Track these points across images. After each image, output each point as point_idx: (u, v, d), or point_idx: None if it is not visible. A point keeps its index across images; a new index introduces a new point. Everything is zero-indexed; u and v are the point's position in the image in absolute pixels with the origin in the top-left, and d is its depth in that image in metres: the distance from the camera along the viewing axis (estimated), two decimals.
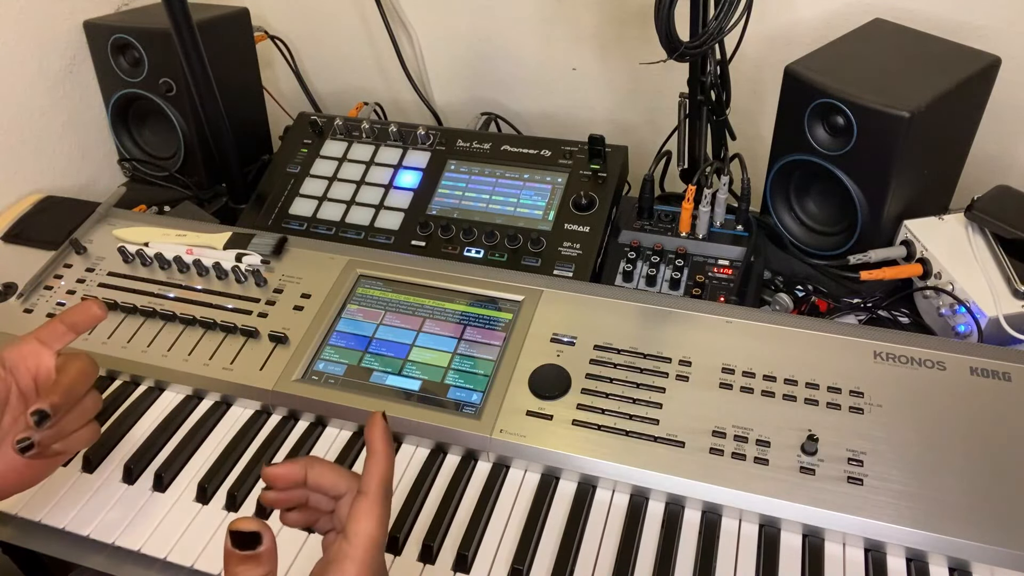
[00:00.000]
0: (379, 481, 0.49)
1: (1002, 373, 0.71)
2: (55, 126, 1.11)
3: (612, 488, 0.70)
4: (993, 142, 1.01)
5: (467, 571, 0.64)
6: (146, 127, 1.18)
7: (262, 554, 0.44)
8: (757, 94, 1.12)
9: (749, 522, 0.67)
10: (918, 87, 0.84)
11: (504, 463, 0.72)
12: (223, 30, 1.11)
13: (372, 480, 0.49)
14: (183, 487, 0.72)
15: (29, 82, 1.06)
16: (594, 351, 0.77)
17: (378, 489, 0.49)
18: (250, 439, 0.76)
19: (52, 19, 1.07)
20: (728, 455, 0.68)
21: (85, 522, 0.69)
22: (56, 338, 0.63)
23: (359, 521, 0.47)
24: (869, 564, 0.63)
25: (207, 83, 0.99)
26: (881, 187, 0.87)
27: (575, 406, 0.73)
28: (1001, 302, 0.80)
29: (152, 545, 0.67)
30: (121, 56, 1.10)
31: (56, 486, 0.71)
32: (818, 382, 0.72)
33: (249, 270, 0.88)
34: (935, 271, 0.86)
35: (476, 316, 0.82)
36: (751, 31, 0.89)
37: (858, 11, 1.02)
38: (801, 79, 0.89)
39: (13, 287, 0.90)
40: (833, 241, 0.95)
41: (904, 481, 0.65)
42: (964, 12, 0.98)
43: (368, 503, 0.48)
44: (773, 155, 0.97)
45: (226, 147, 1.06)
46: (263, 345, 0.81)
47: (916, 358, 0.73)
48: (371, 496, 0.48)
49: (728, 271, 0.91)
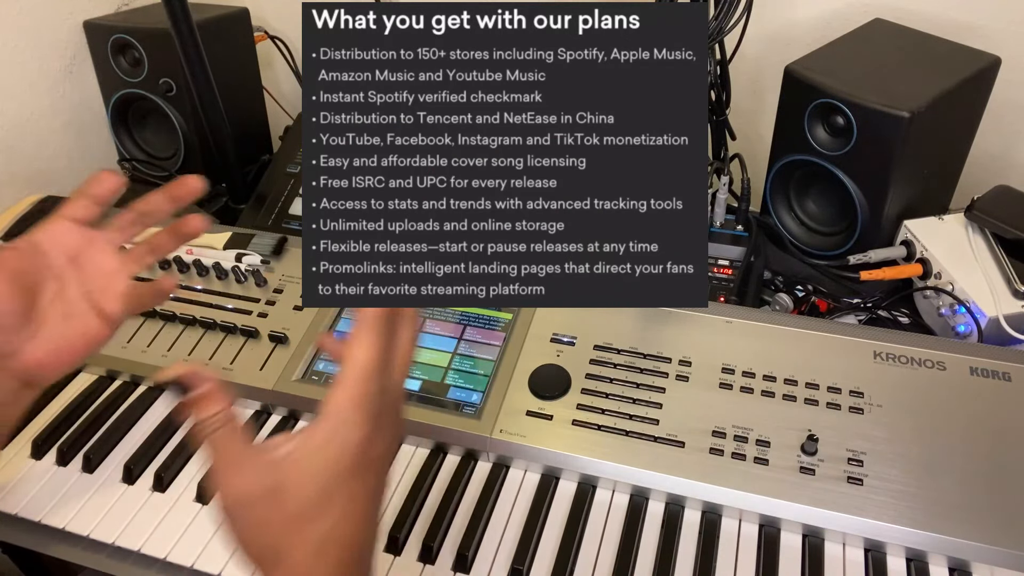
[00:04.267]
0: (374, 313, 0.48)
1: (1002, 373, 0.71)
2: (55, 126, 1.11)
3: (612, 488, 0.70)
4: (993, 142, 1.01)
5: (467, 571, 0.64)
6: (146, 127, 1.18)
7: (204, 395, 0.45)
8: (757, 94, 1.12)
9: (749, 522, 0.67)
10: (918, 87, 0.84)
11: (504, 463, 0.72)
12: (223, 30, 1.11)
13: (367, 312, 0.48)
14: (183, 487, 0.72)
15: (29, 82, 1.06)
16: (594, 351, 0.77)
17: (373, 320, 0.47)
18: (250, 439, 0.76)
19: (52, 19, 1.08)
20: (728, 455, 0.68)
21: (85, 522, 0.69)
22: (85, 211, 0.61)
23: (351, 348, 0.46)
24: (869, 564, 0.63)
25: (207, 83, 0.99)
26: (881, 187, 0.87)
27: (575, 406, 0.73)
28: (1001, 302, 0.80)
29: (152, 545, 0.67)
30: (121, 56, 1.10)
31: (56, 486, 0.71)
32: (818, 382, 0.72)
33: (249, 270, 0.88)
34: (935, 271, 0.86)
35: (476, 316, 0.82)
36: (751, 31, 0.89)
37: (858, 11, 1.02)
38: (801, 79, 0.89)
39: None
40: (833, 241, 0.95)
41: (904, 481, 0.65)
42: (964, 12, 0.98)
43: (362, 331, 0.46)
44: (773, 155, 0.97)
45: (226, 147, 1.06)
46: (263, 345, 0.81)
47: (916, 358, 0.73)
48: (365, 323, 0.47)
49: (728, 271, 0.91)
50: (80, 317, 0.59)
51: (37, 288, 0.58)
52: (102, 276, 0.60)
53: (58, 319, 0.58)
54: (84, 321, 0.59)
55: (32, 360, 0.57)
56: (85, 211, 0.61)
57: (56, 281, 0.59)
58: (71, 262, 0.59)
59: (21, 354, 0.57)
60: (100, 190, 0.62)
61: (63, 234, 0.60)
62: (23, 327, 0.57)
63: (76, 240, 0.60)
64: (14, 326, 0.57)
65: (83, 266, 0.59)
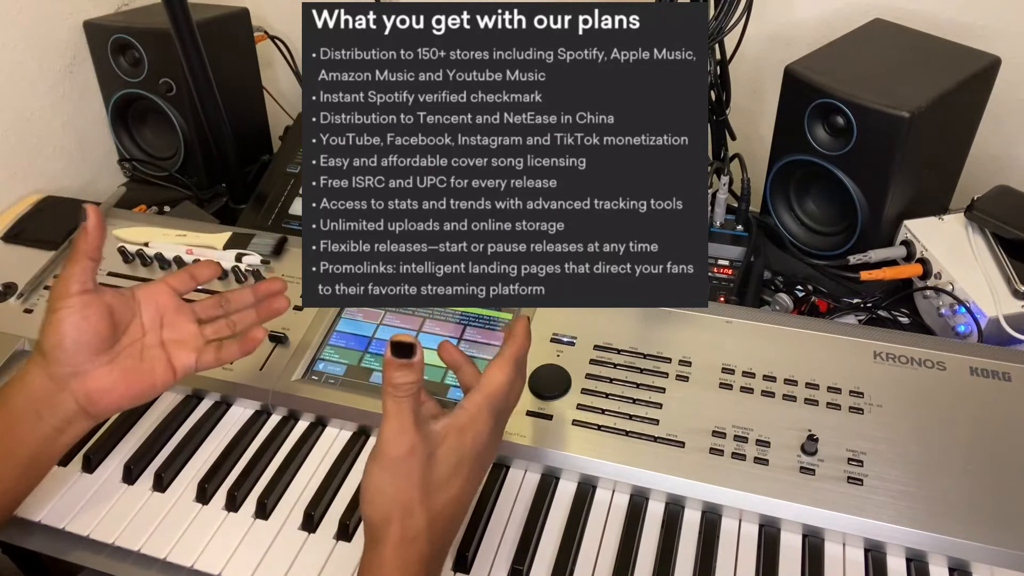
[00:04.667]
0: (515, 350, 0.59)
1: (1002, 373, 0.71)
2: (55, 126, 1.11)
3: (612, 488, 0.70)
4: (993, 142, 1.01)
5: (467, 571, 0.64)
6: (146, 127, 1.18)
7: (414, 363, 0.53)
8: (757, 94, 1.12)
9: (749, 522, 0.67)
10: (918, 87, 0.84)
11: (504, 463, 0.72)
12: (223, 30, 1.11)
13: (509, 349, 0.59)
14: (183, 487, 0.72)
15: (29, 82, 1.06)
16: (594, 351, 0.77)
17: (512, 355, 0.59)
18: (250, 439, 0.76)
19: (52, 19, 1.07)
20: (728, 455, 0.68)
21: (85, 522, 0.69)
22: (182, 284, 0.71)
23: (492, 369, 0.58)
24: (869, 564, 0.63)
25: (207, 83, 0.99)
26: (881, 187, 0.87)
27: (575, 406, 0.73)
28: (1001, 302, 0.80)
29: (152, 545, 0.67)
30: (121, 56, 1.10)
31: (56, 486, 0.71)
32: (818, 382, 0.72)
33: (249, 270, 0.88)
34: (935, 271, 0.86)
35: (476, 316, 0.82)
36: (751, 31, 0.89)
37: (858, 11, 1.02)
38: (801, 79, 0.89)
39: (13, 287, 0.90)
40: (833, 241, 0.95)
41: (904, 481, 0.65)
42: (964, 12, 0.99)
43: (503, 361, 0.58)
44: (773, 155, 0.97)
45: (226, 147, 1.06)
46: (263, 345, 0.81)
47: (916, 358, 0.73)
48: (505, 356, 0.59)
49: (728, 271, 0.91)
50: (152, 361, 0.66)
51: (124, 326, 0.66)
52: (180, 335, 0.68)
53: (133, 356, 0.66)
54: (154, 364, 0.66)
55: (98, 386, 0.63)
56: (182, 284, 0.71)
57: (140, 329, 0.67)
58: (158, 318, 0.68)
59: (91, 378, 0.63)
60: (200, 274, 0.73)
61: (159, 295, 0.69)
62: (102, 353, 0.64)
63: (168, 302, 0.69)
64: (95, 349, 0.63)
65: (167, 324, 0.68)
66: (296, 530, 0.68)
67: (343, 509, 0.68)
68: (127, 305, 0.66)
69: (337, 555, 0.65)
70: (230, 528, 0.68)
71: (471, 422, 0.56)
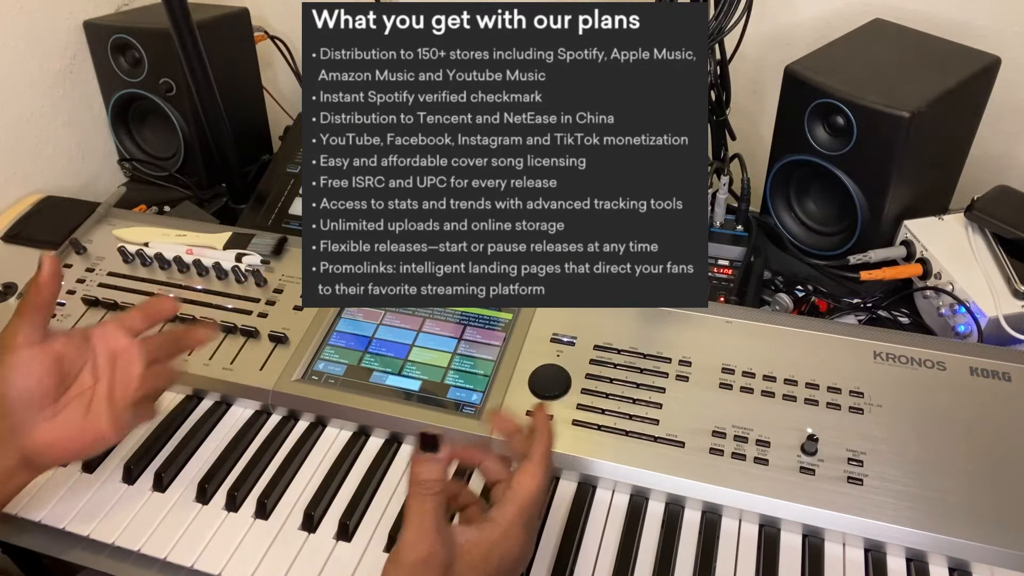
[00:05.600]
0: (543, 452, 0.59)
1: (1002, 373, 0.71)
2: (55, 126, 1.11)
3: (612, 488, 0.70)
4: (993, 142, 1.01)
5: None
6: (146, 127, 1.18)
7: (441, 459, 0.53)
8: (757, 94, 1.12)
9: (749, 522, 0.67)
10: (918, 87, 0.84)
11: None
12: (223, 30, 1.11)
13: (537, 450, 0.59)
14: (183, 487, 0.72)
15: (29, 82, 1.06)
16: (594, 351, 0.77)
17: (541, 458, 0.59)
18: (250, 439, 0.76)
19: (52, 19, 1.07)
20: (728, 455, 0.68)
21: (85, 522, 0.69)
22: (135, 324, 0.67)
23: (523, 476, 0.57)
24: (869, 564, 0.63)
25: (207, 83, 0.99)
26: (881, 187, 0.87)
27: (575, 406, 0.73)
28: (1001, 302, 0.80)
29: (152, 545, 0.67)
30: (121, 56, 1.10)
31: (56, 486, 0.71)
32: (818, 382, 0.72)
33: (249, 270, 0.88)
34: (935, 271, 0.86)
35: (476, 316, 0.82)
36: (751, 31, 0.89)
37: (858, 11, 1.02)
38: (801, 79, 0.89)
39: (13, 287, 0.90)
40: (833, 241, 0.95)
41: (904, 481, 0.65)
42: (964, 12, 0.99)
43: (533, 466, 0.58)
44: (773, 155, 0.97)
45: (226, 147, 1.06)
46: (263, 345, 0.81)
47: (916, 358, 0.73)
48: (535, 460, 0.58)
49: (728, 271, 0.91)
50: (97, 417, 0.62)
51: (74, 375, 0.63)
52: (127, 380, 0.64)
53: (79, 409, 0.62)
54: (99, 422, 0.62)
55: (42, 441, 0.61)
56: (137, 324, 0.67)
57: (91, 376, 0.64)
58: (111, 362, 0.64)
59: (34, 433, 0.61)
60: (156, 313, 0.69)
61: (113, 337, 0.65)
62: (46, 407, 0.61)
63: (121, 345, 0.65)
64: (38, 405, 0.61)
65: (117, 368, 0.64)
66: (296, 530, 0.68)
67: (343, 509, 0.68)
68: (79, 351, 0.63)
69: (337, 555, 0.65)
70: (230, 528, 0.68)
71: (502, 538, 0.54)
